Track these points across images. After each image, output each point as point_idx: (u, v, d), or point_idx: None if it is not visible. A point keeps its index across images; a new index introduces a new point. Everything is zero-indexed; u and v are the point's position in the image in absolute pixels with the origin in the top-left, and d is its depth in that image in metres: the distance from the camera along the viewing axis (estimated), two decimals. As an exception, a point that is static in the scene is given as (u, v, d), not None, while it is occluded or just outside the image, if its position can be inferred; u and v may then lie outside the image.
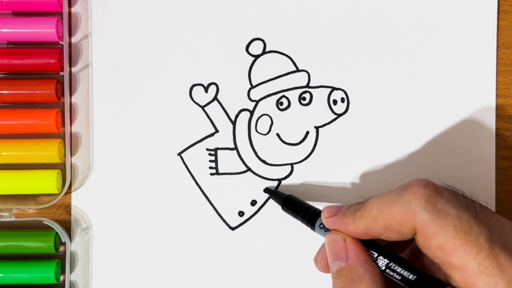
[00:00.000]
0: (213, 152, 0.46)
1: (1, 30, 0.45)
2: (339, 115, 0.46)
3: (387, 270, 0.37)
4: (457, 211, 0.34)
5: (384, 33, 0.46)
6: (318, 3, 0.46)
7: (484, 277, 0.33)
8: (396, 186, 0.38)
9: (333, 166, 0.46)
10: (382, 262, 0.37)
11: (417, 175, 0.46)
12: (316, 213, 0.42)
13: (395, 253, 0.38)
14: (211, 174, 0.46)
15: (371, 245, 0.38)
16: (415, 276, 0.35)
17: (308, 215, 0.42)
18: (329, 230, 0.40)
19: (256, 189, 0.46)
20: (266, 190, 0.46)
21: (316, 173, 0.46)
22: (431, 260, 0.36)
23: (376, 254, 0.37)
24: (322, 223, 0.41)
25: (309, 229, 0.44)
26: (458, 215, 0.34)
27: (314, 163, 0.46)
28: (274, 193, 0.46)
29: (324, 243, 0.41)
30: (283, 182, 0.46)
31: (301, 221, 0.43)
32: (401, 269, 0.36)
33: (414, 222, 0.35)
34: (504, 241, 0.34)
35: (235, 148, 0.46)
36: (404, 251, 0.42)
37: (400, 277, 0.36)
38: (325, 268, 0.41)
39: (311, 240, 0.46)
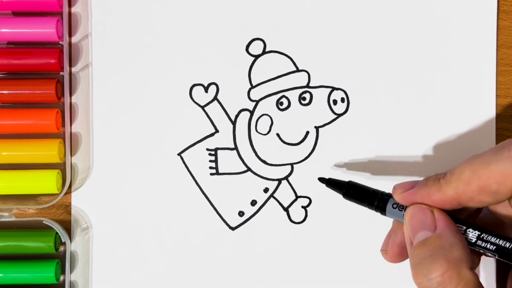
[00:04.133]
0: (213, 152, 0.46)
1: (1, 30, 0.45)
2: (339, 115, 0.46)
3: (479, 242, 0.36)
4: None
5: (384, 33, 0.46)
6: (318, 3, 0.46)
7: None
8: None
9: (333, 166, 0.46)
10: (472, 234, 0.36)
11: (416, 174, 0.46)
12: (386, 195, 0.39)
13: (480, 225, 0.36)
14: (211, 174, 0.46)
15: (455, 220, 0.36)
16: (511, 244, 0.35)
17: (377, 199, 0.39)
18: (405, 208, 0.38)
19: (256, 189, 0.46)
20: (321, 179, 0.43)
21: (316, 173, 0.46)
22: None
23: (464, 227, 0.36)
24: (395, 203, 0.38)
25: (308, 229, 0.44)
26: None
27: (314, 163, 0.46)
28: (331, 182, 0.42)
29: (389, 233, 0.39)
30: (283, 182, 0.46)
31: (368, 207, 0.40)
32: (495, 238, 0.35)
33: None
34: None
35: (235, 148, 0.46)
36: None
37: (494, 247, 0.35)
38: (396, 257, 0.39)
39: (311, 240, 0.46)
